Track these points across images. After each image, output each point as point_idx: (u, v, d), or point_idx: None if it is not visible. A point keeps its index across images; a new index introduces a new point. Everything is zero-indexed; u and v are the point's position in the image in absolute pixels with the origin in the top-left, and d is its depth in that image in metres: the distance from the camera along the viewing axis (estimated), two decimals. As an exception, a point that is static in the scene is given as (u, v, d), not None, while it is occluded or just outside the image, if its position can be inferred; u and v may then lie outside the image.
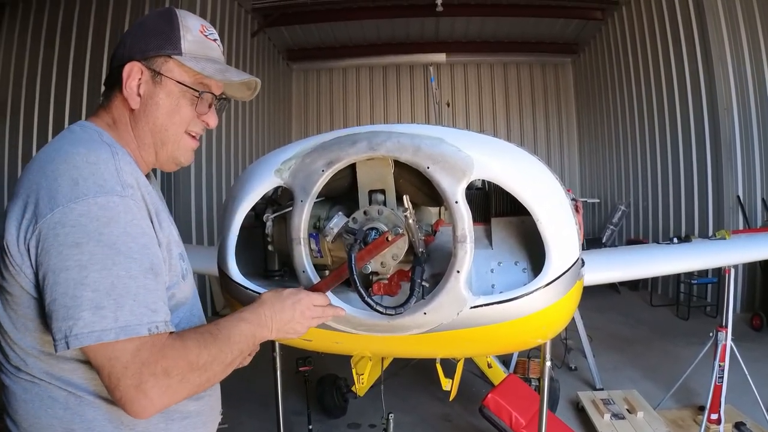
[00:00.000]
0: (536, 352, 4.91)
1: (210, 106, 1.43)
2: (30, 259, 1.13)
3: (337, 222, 1.61)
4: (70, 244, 1.08)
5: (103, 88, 1.41)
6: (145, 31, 1.36)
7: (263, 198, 1.88)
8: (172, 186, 8.56)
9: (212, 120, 1.45)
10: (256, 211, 1.92)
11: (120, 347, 1.09)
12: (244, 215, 1.85)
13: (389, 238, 1.50)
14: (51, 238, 1.09)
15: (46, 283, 1.09)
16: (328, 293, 1.50)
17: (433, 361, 3.61)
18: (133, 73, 1.32)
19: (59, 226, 1.09)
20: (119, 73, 1.33)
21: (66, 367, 1.20)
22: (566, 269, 1.73)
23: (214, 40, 1.43)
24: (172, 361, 1.12)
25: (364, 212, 1.67)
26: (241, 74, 1.43)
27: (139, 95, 1.33)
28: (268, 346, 2.89)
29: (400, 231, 1.58)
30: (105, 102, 1.38)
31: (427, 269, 1.70)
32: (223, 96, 1.48)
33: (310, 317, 1.42)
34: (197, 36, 1.38)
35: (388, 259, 1.67)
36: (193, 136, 1.44)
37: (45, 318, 1.15)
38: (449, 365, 3.77)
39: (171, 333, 1.18)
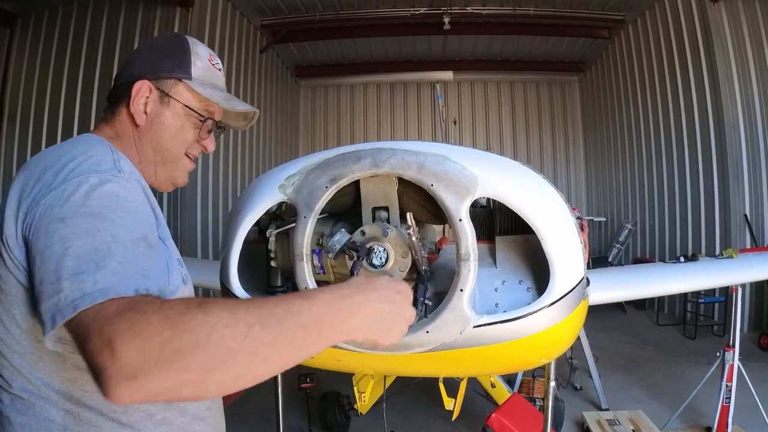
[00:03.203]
0: (541, 371, 4.87)
1: (210, 132, 1.49)
2: (27, 249, 1.07)
3: (340, 239, 1.61)
4: (56, 221, 1.01)
5: (106, 104, 1.44)
6: (157, 53, 1.41)
7: (267, 213, 1.88)
8: (178, 200, 8.59)
9: (211, 145, 1.51)
10: (260, 227, 1.92)
11: (84, 312, 0.88)
12: (248, 230, 1.84)
13: None
14: (40, 220, 1.03)
15: (34, 266, 1.01)
16: None
17: (436, 379, 3.58)
18: (142, 91, 1.36)
19: (49, 207, 1.03)
20: (126, 90, 1.37)
21: (66, 376, 1.12)
22: (571, 288, 1.72)
23: (219, 69, 1.51)
24: (143, 315, 0.83)
25: (368, 229, 1.67)
26: (245, 104, 1.51)
27: (145, 113, 1.37)
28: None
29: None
30: (108, 117, 1.41)
31: (430, 287, 1.69)
32: (221, 124, 1.54)
33: (407, 319, 1.06)
34: (206, 64, 1.45)
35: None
36: (191, 159, 1.49)
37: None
38: (452, 384, 3.73)
39: None
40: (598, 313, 9.02)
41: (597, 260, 10.92)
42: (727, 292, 7.31)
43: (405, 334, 1.08)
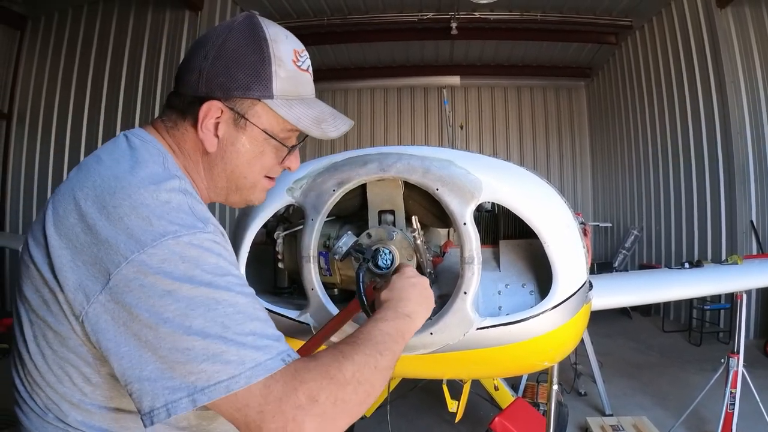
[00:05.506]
0: (545, 376, 4.88)
1: (293, 149, 1.27)
2: (96, 314, 0.94)
3: (347, 241, 1.63)
4: (161, 294, 0.91)
5: (164, 106, 1.23)
6: (227, 60, 1.12)
7: (275, 216, 1.91)
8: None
9: (295, 163, 1.30)
10: (268, 229, 1.95)
11: (244, 392, 0.90)
12: (256, 232, 1.87)
13: (376, 287, 1.43)
14: (136, 292, 0.91)
15: (145, 341, 0.91)
16: (332, 307, 1.51)
17: (440, 383, 3.60)
18: (212, 112, 1.12)
19: (141, 275, 0.92)
20: (191, 104, 1.14)
21: (108, 416, 1.04)
22: (573, 292, 1.74)
23: (307, 69, 1.24)
24: (314, 383, 0.92)
25: (374, 232, 1.70)
26: (339, 126, 1.26)
27: (216, 136, 1.14)
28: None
29: (378, 280, 1.52)
30: (168, 124, 1.18)
31: (435, 290, 1.71)
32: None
33: (426, 288, 1.36)
34: (290, 70, 1.18)
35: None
36: (271, 179, 1.28)
37: (95, 367, 1.00)
38: (456, 387, 3.75)
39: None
40: (603, 319, 9.01)
41: (602, 266, 10.91)
42: (732, 298, 7.29)
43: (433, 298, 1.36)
